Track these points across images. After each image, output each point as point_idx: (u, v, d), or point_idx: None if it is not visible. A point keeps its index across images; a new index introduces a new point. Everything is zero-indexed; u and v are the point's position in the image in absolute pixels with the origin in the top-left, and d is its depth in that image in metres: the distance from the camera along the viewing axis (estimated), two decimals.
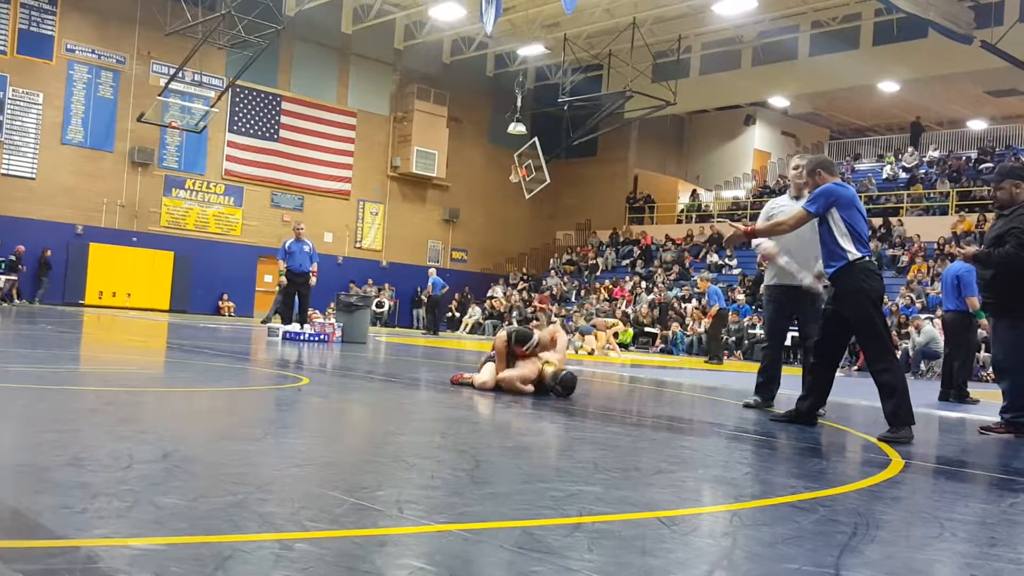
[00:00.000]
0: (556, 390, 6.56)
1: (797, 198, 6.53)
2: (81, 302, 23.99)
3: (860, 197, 5.96)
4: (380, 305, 27.64)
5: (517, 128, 27.10)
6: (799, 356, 8.48)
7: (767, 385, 6.77)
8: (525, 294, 29.57)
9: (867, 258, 5.47)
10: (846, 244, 5.43)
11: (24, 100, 23.70)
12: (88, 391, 5.42)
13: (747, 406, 6.83)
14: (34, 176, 23.89)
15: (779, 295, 6.68)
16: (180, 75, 24.23)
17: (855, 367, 17.98)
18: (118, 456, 3.12)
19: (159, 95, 24.57)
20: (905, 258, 23.20)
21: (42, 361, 7.07)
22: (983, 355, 16.58)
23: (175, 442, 3.57)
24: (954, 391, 9.81)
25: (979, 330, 12.21)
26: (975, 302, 9.42)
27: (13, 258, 23.33)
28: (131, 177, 25.54)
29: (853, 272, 5.41)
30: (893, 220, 25.15)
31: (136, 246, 25.38)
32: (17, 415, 4.13)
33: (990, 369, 14.94)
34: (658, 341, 23.36)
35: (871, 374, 5.48)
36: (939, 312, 14.43)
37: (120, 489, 2.58)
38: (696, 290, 22.58)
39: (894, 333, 17.89)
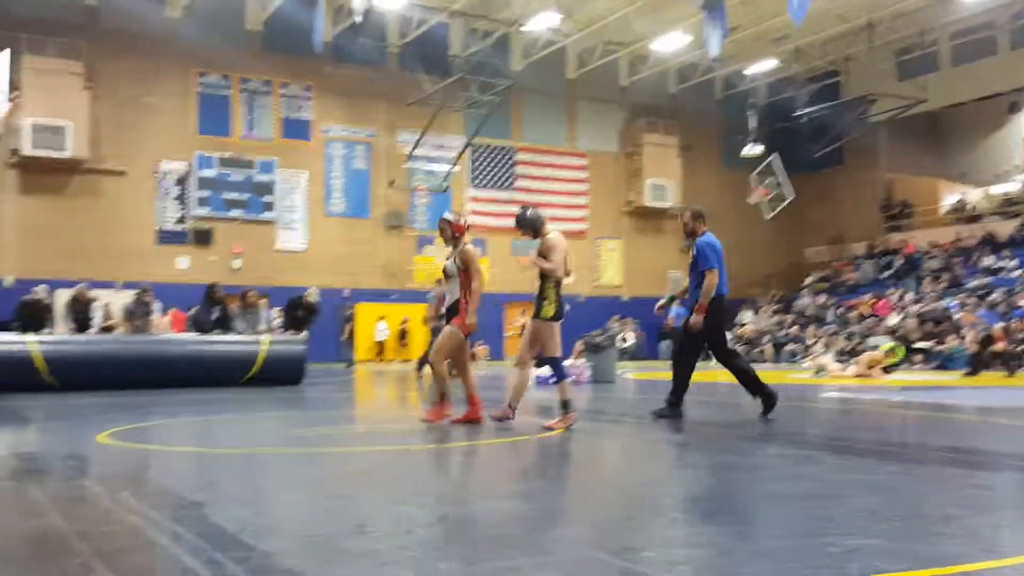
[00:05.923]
0: None
1: None
2: (352, 359, 25.98)
3: None
4: (624, 340, 27.63)
5: (753, 150, 26.36)
6: None
7: None
8: (777, 316, 28.41)
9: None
10: None
11: (291, 180, 26.36)
12: (354, 452, 5.84)
13: None
14: (305, 248, 26.39)
15: None
16: (423, 140, 25.91)
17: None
18: (398, 520, 3.33)
19: (405, 163, 26.39)
20: None
21: (312, 422, 7.73)
22: None
23: (448, 502, 3.76)
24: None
25: None
26: None
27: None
28: (386, 241, 27.51)
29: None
30: None
31: (395, 302, 27.21)
32: (298, 480, 4.53)
33: None
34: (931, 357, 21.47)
35: None
36: None
37: (403, 556, 2.76)
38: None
39: None
